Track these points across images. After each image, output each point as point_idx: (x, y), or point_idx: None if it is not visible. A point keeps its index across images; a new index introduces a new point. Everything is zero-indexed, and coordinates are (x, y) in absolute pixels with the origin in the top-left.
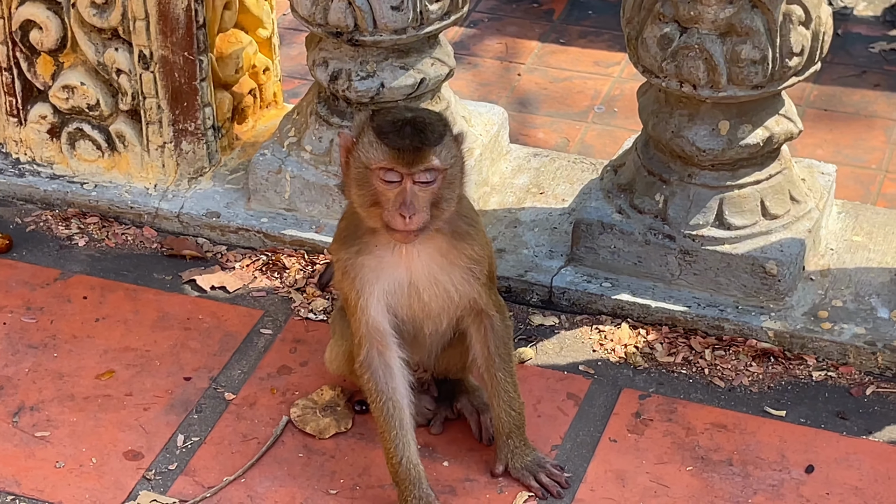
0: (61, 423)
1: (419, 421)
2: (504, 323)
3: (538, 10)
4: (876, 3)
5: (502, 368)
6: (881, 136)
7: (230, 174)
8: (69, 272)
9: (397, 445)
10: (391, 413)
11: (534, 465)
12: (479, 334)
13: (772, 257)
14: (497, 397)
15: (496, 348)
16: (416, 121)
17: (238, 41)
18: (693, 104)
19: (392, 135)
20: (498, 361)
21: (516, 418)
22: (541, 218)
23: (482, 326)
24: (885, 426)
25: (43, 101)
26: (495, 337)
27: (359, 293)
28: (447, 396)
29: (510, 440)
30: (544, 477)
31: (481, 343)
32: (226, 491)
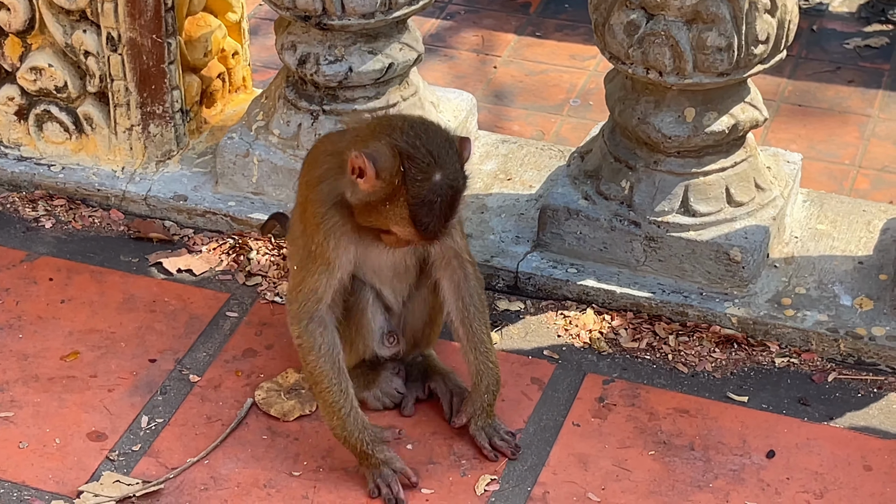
0: (25, 403)
1: (387, 404)
2: (477, 274)
3: (515, 3)
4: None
5: (478, 318)
6: (855, 131)
7: (198, 157)
8: (35, 254)
9: (346, 394)
10: (337, 363)
11: (490, 428)
12: (453, 284)
13: (736, 244)
14: (474, 350)
15: (471, 298)
16: (451, 201)
17: (207, 25)
18: (659, 91)
19: (427, 219)
20: (473, 311)
21: (493, 370)
22: (508, 204)
23: (456, 275)
24: (846, 412)
25: (10, 82)
26: (469, 286)
27: (330, 254)
28: (417, 378)
29: (486, 395)
30: (498, 440)
31: (455, 294)
32: (189, 472)
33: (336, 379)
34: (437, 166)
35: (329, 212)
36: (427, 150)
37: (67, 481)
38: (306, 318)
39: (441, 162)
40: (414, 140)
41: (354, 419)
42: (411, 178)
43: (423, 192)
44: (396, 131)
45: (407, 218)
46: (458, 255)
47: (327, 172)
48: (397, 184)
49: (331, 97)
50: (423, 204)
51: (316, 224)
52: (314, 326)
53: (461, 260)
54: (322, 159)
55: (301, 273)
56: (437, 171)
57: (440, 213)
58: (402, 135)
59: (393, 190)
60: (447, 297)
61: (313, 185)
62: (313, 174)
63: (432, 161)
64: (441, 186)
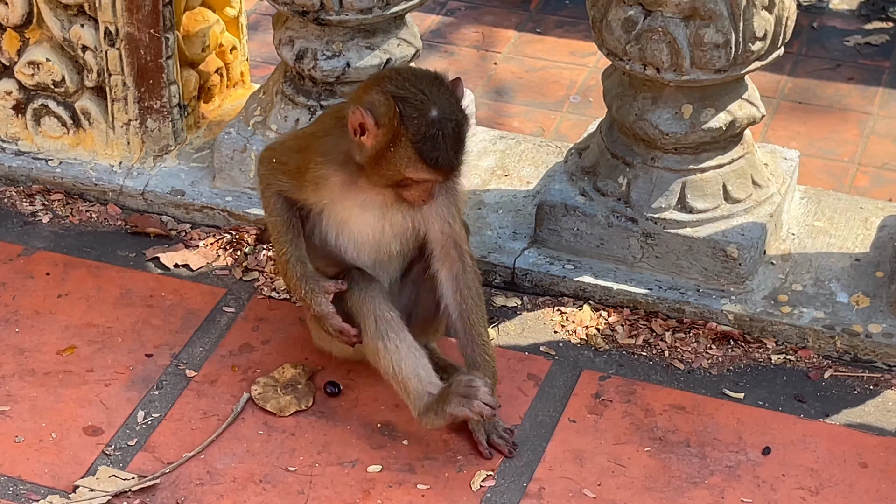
0: (21, 397)
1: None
2: (475, 267)
3: None
4: None
5: (475, 311)
6: (854, 129)
7: (196, 152)
8: (32, 248)
9: (292, 244)
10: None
11: (489, 425)
12: (451, 275)
13: (733, 241)
14: (472, 343)
15: (469, 290)
16: (455, 133)
17: (205, 19)
18: (656, 87)
19: (433, 153)
20: (471, 303)
21: (490, 363)
22: (505, 200)
23: (454, 267)
24: (842, 409)
25: (8, 76)
26: (467, 278)
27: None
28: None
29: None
30: (496, 437)
31: (453, 286)
32: (185, 467)
33: (287, 229)
34: (430, 102)
35: (325, 164)
36: (418, 89)
37: (63, 476)
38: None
39: (434, 98)
40: (403, 83)
41: (297, 265)
42: (408, 117)
43: (423, 127)
44: (385, 80)
45: (414, 156)
46: (457, 246)
47: (333, 129)
48: (397, 125)
49: (328, 92)
50: (427, 139)
51: (307, 167)
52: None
53: (461, 251)
54: (328, 118)
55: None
56: (433, 107)
57: (446, 146)
58: (391, 81)
59: (395, 133)
60: (445, 289)
61: (318, 136)
62: (320, 126)
63: (425, 98)
64: (439, 120)
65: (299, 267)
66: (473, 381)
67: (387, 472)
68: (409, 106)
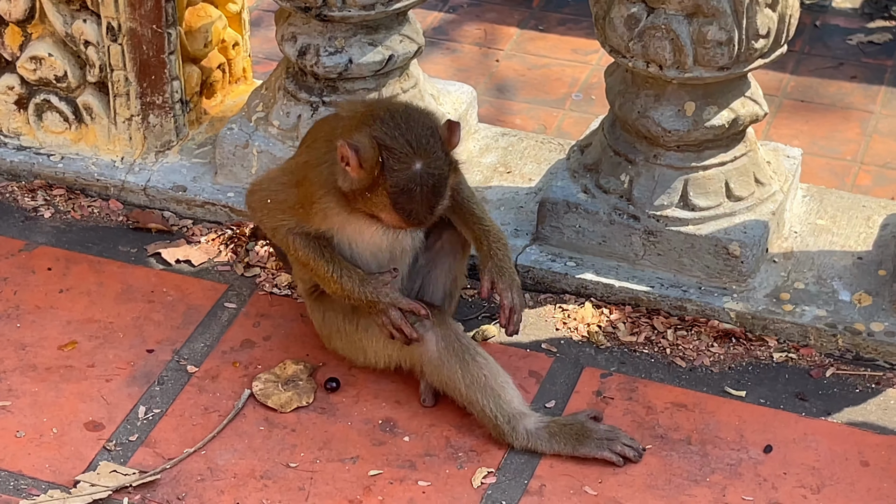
0: (22, 392)
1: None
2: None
3: None
4: None
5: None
6: (857, 127)
7: (197, 148)
8: (34, 243)
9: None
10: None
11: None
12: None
13: (735, 239)
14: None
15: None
16: (434, 188)
17: (207, 15)
18: (659, 85)
19: (408, 207)
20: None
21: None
22: (507, 197)
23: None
24: (844, 408)
25: (10, 72)
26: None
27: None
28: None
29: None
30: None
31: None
32: (186, 462)
33: (320, 254)
34: (415, 156)
35: (326, 196)
36: (405, 141)
37: (64, 471)
38: (282, 233)
39: (420, 151)
40: (393, 131)
41: (349, 277)
42: (389, 168)
43: (402, 181)
44: (377, 122)
45: (389, 206)
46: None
47: (326, 156)
48: (377, 174)
49: (331, 89)
50: (403, 192)
51: (311, 202)
52: (291, 238)
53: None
54: (321, 143)
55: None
56: (417, 161)
57: (422, 201)
58: (382, 125)
59: (374, 180)
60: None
61: (313, 166)
62: (314, 154)
63: (410, 151)
64: (421, 175)
65: (352, 275)
66: (612, 430)
67: (387, 469)
68: (393, 157)
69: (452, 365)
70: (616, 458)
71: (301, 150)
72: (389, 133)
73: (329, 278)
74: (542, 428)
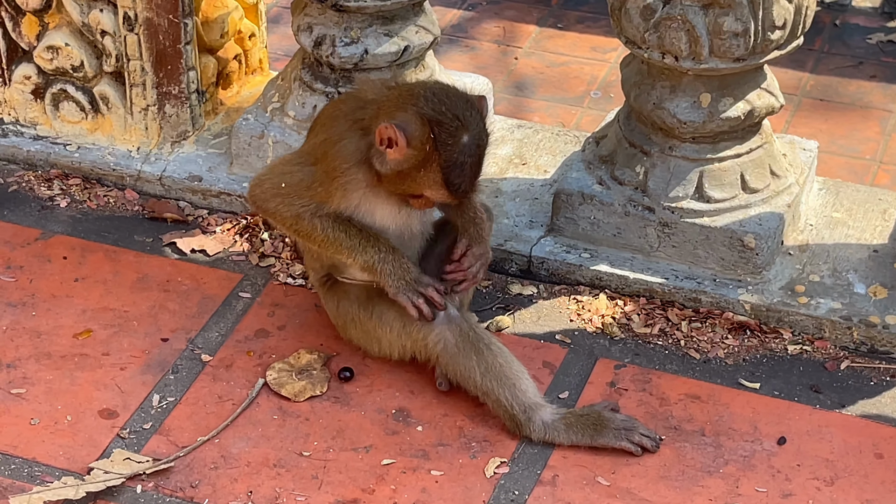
0: (37, 380)
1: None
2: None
3: None
4: None
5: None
6: (876, 126)
7: (213, 138)
8: (50, 232)
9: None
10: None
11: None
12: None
13: (750, 231)
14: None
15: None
16: (478, 159)
17: (224, 5)
18: (675, 76)
19: (458, 180)
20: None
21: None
22: (522, 188)
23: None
24: (858, 400)
25: (27, 61)
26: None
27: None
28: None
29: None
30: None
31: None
32: (199, 451)
33: (349, 226)
34: (464, 128)
35: (352, 169)
36: (453, 115)
37: (78, 458)
38: (305, 219)
39: (467, 123)
40: (439, 106)
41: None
42: (442, 143)
43: (455, 154)
44: (421, 99)
45: (440, 181)
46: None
47: (349, 132)
48: (429, 150)
49: (346, 79)
50: (455, 166)
51: (333, 177)
52: (316, 221)
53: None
54: (341, 120)
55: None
56: (465, 133)
57: (471, 173)
58: (427, 102)
59: (425, 156)
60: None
61: (334, 142)
62: (334, 131)
63: (460, 124)
64: (470, 146)
65: (385, 242)
66: (629, 420)
67: (401, 458)
68: (444, 132)
69: (468, 355)
70: (635, 449)
71: (315, 132)
72: (436, 109)
73: (361, 247)
74: (558, 419)
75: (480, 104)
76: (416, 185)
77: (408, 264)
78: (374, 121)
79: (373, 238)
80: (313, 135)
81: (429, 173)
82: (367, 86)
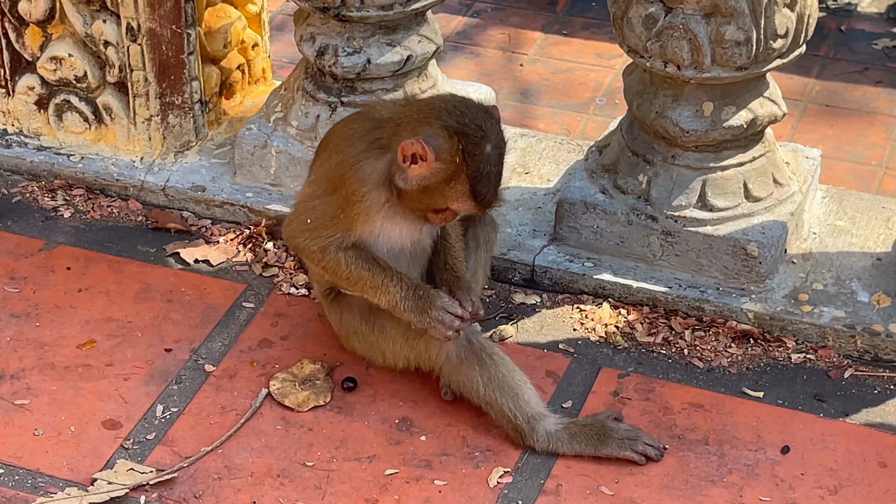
0: (41, 391)
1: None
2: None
3: (541, 1)
4: (880, 0)
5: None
6: (882, 132)
7: (217, 148)
8: (53, 243)
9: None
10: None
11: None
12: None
13: (753, 239)
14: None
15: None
16: (501, 169)
17: (227, 16)
18: (677, 85)
19: (485, 190)
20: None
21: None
22: (525, 197)
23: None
24: (862, 409)
25: (31, 72)
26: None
27: (354, 226)
28: None
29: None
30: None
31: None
32: (203, 461)
33: (374, 264)
34: (486, 138)
35: (372, 192)
36: (476, 125)
37: (82, 469)
38: (331, 252)
39: (489, 133)
40: (462, 118)
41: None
42: (470, 155)
43: (481, 164)
44: (444, 112)
45: (468, 192)
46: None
47: (366, 154)
48: (458, 162)
49: (349, 89)
50: (482, 176)
51: (353, 202)
52: (341, 254)
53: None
54: (357, 141)
55: (320, 209)
56: (488, 143)
57: (495, 183)
58: (451, 115)
59: (455, 168)
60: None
61: (351, 164)
62: (349, 153)
63: (483, 134)
64: (493, 156)
65: (408, 279)
66: (633, 429)
67: (404, 468)
68: (471, 143)
69: (471, 364)
70: (639, 458)
71: (328, 153)
72: (460, 120)
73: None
74: (561, 429)
75: (495, 113)
76: (443, 199)
77: (429, 294)
78: (393, 138)
79: (396, 276)
80: (326, 156)
81: (457, 185)
82: (380, 105)
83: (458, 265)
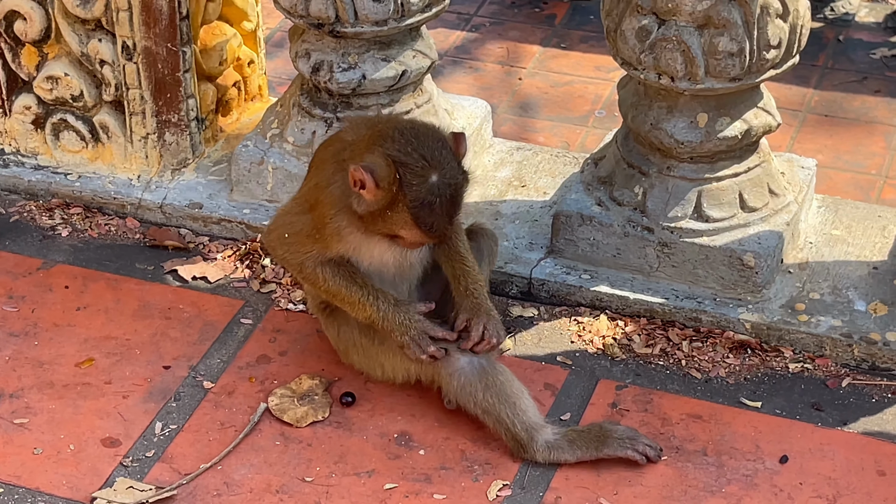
0: (40, 410)
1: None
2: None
3: (540, 14)
4: (878, 9)
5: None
6: (881, 141)
7: (213, 166)
8: (51, 262)
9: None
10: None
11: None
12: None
13: (749, 250)
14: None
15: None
16: (452, 198)
17: (222, 33)
18: (671, 96)
19: (430, 219)
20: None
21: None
22: (522, 210)
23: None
24: (860, 417)
25: (27, 91)
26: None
27: (329, 245)
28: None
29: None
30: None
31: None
32: (202, 478)
33: (352, 281)
34: (431, 168)
35: (338, 216)
36: (419, 155)
37: (81, 487)
38: (309, 267)
39: (435, 163)
40: (405, 146)
41: (384, 302)
42: (408, 184)
43: (422, 194)
44: (388, 140)
45: (410, 221)
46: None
47: (334, 177)
48: (395, 191)
49: (345, 105)
50: (424, 206)
51: (325, 223)
52: (319, 269)
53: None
54: (329, 163)
55: (297, 226)
56: (433, 173)
57: (442, 212)
58: (394, 143)
59: (392, 197)
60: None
61: (323, 187)
62: (322, 176)
63: (426, 164)
64: (438, 186)
65: (384, 299)
66: (631, 430)
67: (403, 483)
68: (410, 172)
69: (470, 377)
70: (639, 457)
71: (309, 175)
72: (402, 149)
73: (361, 304)
74: (560, 437)
75: (457, 142)
76: (390, 226)
77: (411, 315)
78: (350, 163)
79: (372, 294)
80: (308, 177)
81: (398, 214)
82: (351, 125)
83: (478, 290)
